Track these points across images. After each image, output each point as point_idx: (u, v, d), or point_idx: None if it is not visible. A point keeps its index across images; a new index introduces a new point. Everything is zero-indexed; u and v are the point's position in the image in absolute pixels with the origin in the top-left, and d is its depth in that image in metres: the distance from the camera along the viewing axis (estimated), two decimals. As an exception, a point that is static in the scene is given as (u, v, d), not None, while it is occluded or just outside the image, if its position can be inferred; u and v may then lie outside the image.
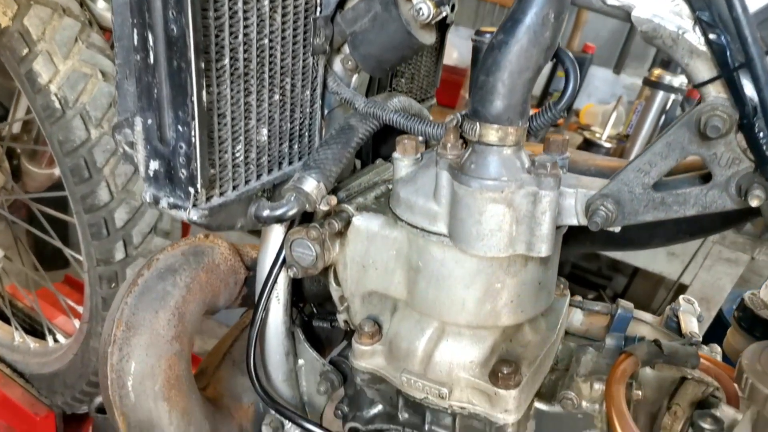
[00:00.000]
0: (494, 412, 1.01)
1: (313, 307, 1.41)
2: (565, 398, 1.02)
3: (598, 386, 1.02)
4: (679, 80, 3.89)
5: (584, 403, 1.02)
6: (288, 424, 1.30)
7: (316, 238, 1.08)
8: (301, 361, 1.30)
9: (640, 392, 0.99)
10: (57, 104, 1.52)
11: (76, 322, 2.12)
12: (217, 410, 1.23)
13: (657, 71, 4.09)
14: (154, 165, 0.86)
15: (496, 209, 0.87)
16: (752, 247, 4.08)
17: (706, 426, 0.86)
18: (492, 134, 0.85)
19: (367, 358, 1.12)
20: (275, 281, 1.17)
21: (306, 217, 1.15)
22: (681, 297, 1.46)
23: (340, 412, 1.30)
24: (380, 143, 1.37)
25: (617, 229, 0.94)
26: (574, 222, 0.95)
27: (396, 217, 1.04)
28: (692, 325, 1.31)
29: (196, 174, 0.84)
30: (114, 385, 1.02)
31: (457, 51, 5.13)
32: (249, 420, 1.30)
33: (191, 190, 0.86)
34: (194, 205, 0.87)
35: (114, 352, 1.02)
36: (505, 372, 0.98)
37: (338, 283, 1.20)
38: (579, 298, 1.37)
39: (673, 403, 0.95)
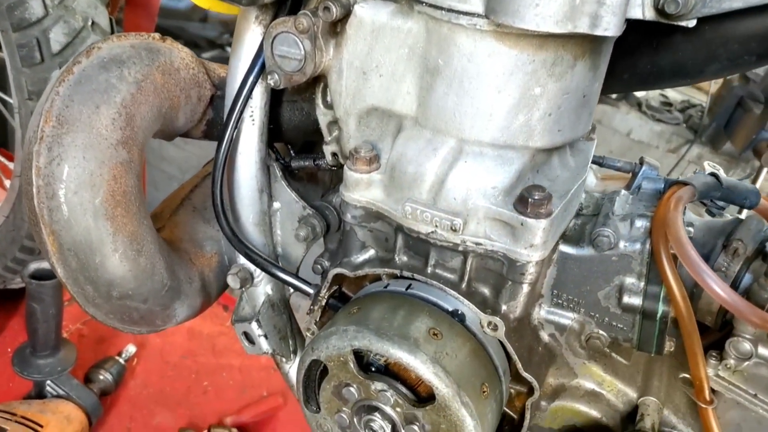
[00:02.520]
0: (517, 248, 0.83)
1: (291, 151, 1.20)
2: (600, 236, 0.85)
3: (641, 223, 0.86)
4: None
5: (622, 243, 0.86)
6: (258, 275, 1.11)
7: (306, 30, 0.86)
8: (276, 204, 1.10)
9: (692, 229, 0.84)
10: None
11: (7, 182, 1.85)
12: (173, 252, 1.02)
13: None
14: None
15: (561, -40, 0.66)
16: (727, 168, 4.04)
17: (784, 256, 0.71)
18: None
19: (362, 189, 0.92)
20: (250, 93, 0.95)
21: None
22: (706, 162, 1.32)
23: (319, 266, 1.11)
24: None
25: (692, 23, 0.75)
26: (638, 14, 0.75)
27: (411, 1, 0.82)
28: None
29: None
30: (41, 195, 0.80)
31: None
32: (212, 270, 1.11)
33: None
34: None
35: (41, 151, 0.79)
36: (536, 198, 0.80)
37: (327, 105, 0.99)
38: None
39: (734, 239, 0.80)
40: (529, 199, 0.80)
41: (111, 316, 0.93)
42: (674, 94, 4.87)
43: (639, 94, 4.30)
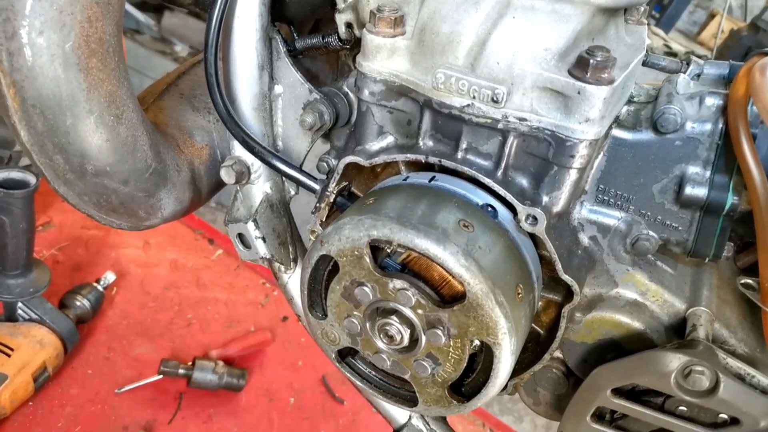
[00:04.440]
0: (569, 124, 0.71)
1: (294, 33, 1.05)
2: (666, 114, 0.73)
3: (712, 101, 0.74)
4: None
5: (689, 124, 0.74)
6: (256, 170, 0.97)
7: None
8: (278, 88, 0.96)
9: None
10: None
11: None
12: (160, 135, 0.88)
13: None
14: None
15: None
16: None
17: None
18: None
19: (383, 57, 0.79)
20: (254, -63, 0.80)
21: None
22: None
23: (325, 164, 0.98)
24: None
25: None
26: None
27: None
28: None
29: None
30: (-2, 34, 0.65)
31: None
32: (202, 162, 0.97)
33: None
34: None
35: (-4, -22, 0.64)
36: (599, 59, 0.67)
37: (343, -38, 0.84)
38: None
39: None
40: (591, 61, 0.67)
41: (85, 198, 0.80)
42: (678, 46, 4.72)
43: (644, 40, 4.14)
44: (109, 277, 2.12)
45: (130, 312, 2.17)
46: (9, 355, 1.67)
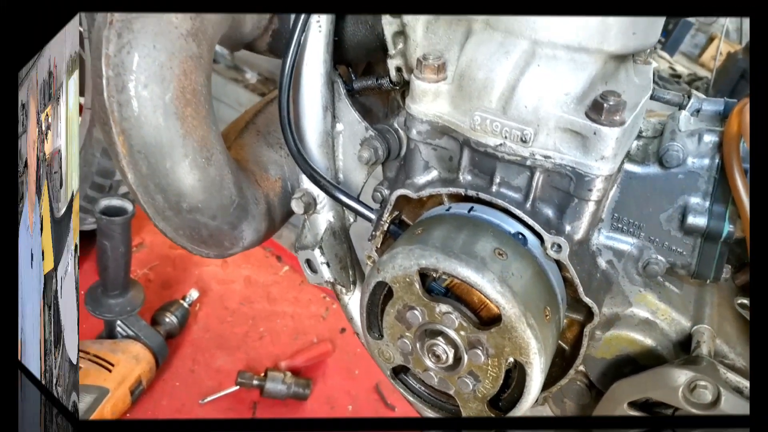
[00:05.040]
0: (587, 161, 0.81)
1: (352, 75, 1.19)
2: (670, 150, 0.82)
3: (710, 138, 0.83)
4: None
5: (690, 159, 0.82)
6: (321, 201, 1.11)
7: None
8: (339, 126, 1.09)
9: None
10: None
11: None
12: (241, 172, 1.04)
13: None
14: None
15: None
16: None
17: None
18: None
19: (428, 100, 0.91)
20: None
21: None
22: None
23: (379, 194, 1.11)
24: None
25: None
26: None
27: None
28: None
29: None
30: (111, 87, 0.80)
31: None
32: (276, 195, 1.12)
33: None
34: None
35: (111, 37, 0.79)
36: (611, 103, 0.77)
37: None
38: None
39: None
40: (604, 105, 0.77)
41: (180, 232, 0.94)
42: (681, 68, 4.73)
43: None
44: (193, 294, 2.32)
45: (212, 326, 2.36)
46: (110, 370, 1.85)
